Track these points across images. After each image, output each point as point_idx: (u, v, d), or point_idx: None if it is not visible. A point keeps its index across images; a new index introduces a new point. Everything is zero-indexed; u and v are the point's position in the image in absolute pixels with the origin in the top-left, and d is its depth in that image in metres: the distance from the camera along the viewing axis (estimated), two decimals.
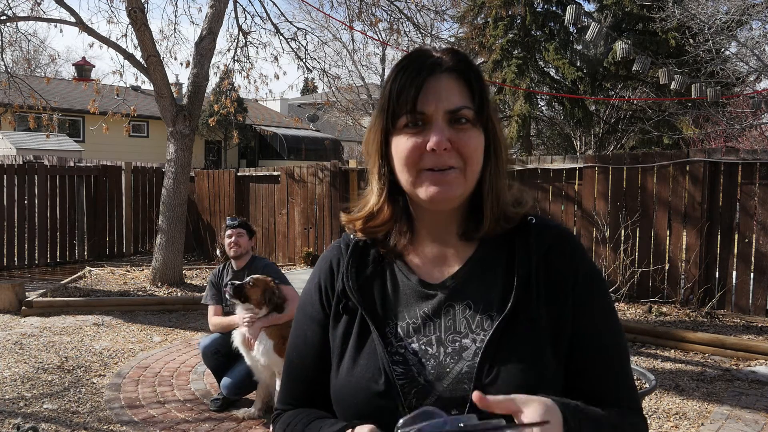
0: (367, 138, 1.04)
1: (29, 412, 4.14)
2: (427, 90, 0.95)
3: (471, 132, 0.96)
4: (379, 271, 1.06)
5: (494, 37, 18.05)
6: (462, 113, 0.95)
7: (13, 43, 10.56)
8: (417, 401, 0.95)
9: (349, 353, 1.01)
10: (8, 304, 6.89)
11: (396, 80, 0.97)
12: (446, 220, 1.03)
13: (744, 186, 6.35)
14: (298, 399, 1.11)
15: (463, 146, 0.95)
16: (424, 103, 0.95)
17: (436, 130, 0.94)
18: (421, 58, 0.98)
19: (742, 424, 3.97)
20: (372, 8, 10.11)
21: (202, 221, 11.23)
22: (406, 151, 0.96)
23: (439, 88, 0.95)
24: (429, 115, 0.95)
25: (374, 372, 0.97)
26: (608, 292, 1.06)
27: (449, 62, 0.97)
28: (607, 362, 0.99)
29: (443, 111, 0.95)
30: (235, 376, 4.15)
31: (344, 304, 1.04)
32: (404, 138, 0.97)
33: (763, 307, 6.26)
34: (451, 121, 0.95)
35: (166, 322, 6.62)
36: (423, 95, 0.95)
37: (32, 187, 9.88)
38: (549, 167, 7.38)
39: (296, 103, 34.65)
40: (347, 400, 0.99)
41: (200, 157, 24.24)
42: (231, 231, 4.39)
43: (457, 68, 0.97)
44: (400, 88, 0.96)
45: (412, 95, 0.95)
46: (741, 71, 13.02)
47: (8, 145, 15.68)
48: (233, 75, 10.46)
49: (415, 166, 0.96)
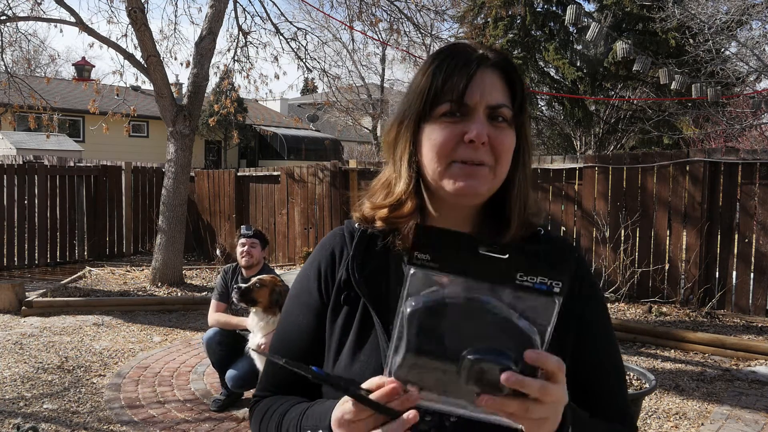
0: (392, 124, 1.02)
1: (29, 412, 4.14)
2: (474, 82, 0.94)
3: (507, 131, 0.95)
4: (384, 263, 1.03)
5: (494, 37, 18.05)
6: (502, 111, 0.95)
7: (13, 43, 10.55)
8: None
9: (349, 347, 0.98)
10: (8, 304, 6.89)
11: (441, 67, 0.95)
12: (462, 220, 1.01)
13: (744, 186, 6.35)
14: (279, 386, 1.08)
15: (498, 143, 0.94)
16: (470, 94, 0.94)
17: (478, 123, 0.93)
18: (467, 49, 0.98)
19: (742, 424, 3.97)
20: (372, 8, 10.12)
21: (202, 221, 11.23)
22: (441, 139, 0.94)
23: (484, 82, 0.94)
24: (471, 107, 0.94)
25: (375, 369, 0.94)
26: (607, 310, 1.07)
27: (495, 59, 0.97)
28: (605, 378, 1.01)
29: (485, 105, 0.94)
30: (240, 368, 4.16)
31: (346, 295, 1.01)
32: (440, 126, 0.95)
33: (763, 307, 6.26)
34: (490, 117, 0.95)
35: (166, 322, 6.62)
36: (472, 86, 0.94)
37: (32, 187, 9.88)
38: (549, 167, 7.37)
39: (296, 103, 34.65)
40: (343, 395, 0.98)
41: (200, 157, 24.25)
42: (245, 240, 4.32)
43: (502, 66, 0.97)
44: (447, 75, 0.94)
45: (462, 84, 0.93)
46: (741, 71, 13.02)
47: (8, 145, 15.69)
48: (233, 75, 10.46)
49: (447, 156, 0.94)
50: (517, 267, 0.71)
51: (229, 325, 4.22)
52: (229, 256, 9.48)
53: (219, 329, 4.27)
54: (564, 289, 0.71)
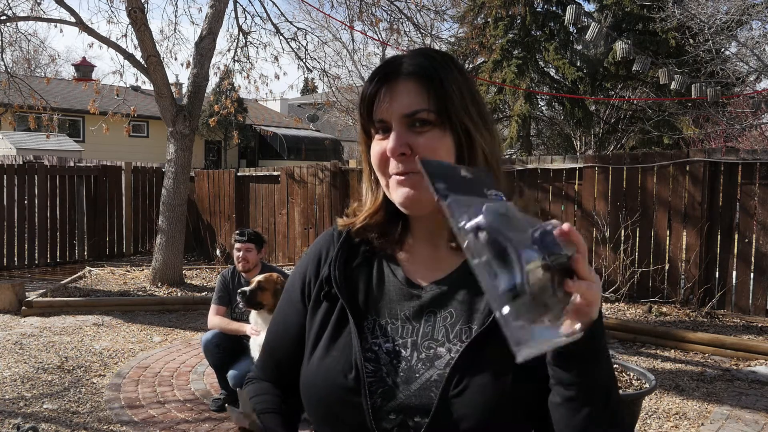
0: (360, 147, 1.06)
1: (29, 412, 4.14)
2: (384, 97, 0.95)
3: (432, 134, 0.94)
4: (367, 263, 1.05)
5: (494, 37, 18.05)
6: (419, 116, 0.93)
7: (13, 43, 10.55)
8: (382, 401, 0.93)
9: (324, 342, 1.00)
10: (8, 304, 6.89)
11: (363, 89, 0.99)
12: (438, 224, 1.00)
13: (744, 186, 6.35)
14: (268, 374, 1.14)
15: (421, 149, 0.93)
16: (382, 110, 0.95)
17: (393, 136, 0.94)
18: (385, 64, 0.98)
19: (742, 424, 3.97)
20: (372, 8, 10.11)
21: (202, 221, 11.23)
22: (375, 157, 0.97)
23: (395, 93, 0.94)
24: (388, 121, 0.95)
25: (345, 365, 0.96)
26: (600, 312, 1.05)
27: (408, 66, 0.96)
28: None
29: (399, 115, 0.94)
30: (241, 368, 4.16)
31: (326, 292, 1.03)
32: (374, 144, 0.98)
33: (763, 307, 6.26)
34: (412, 125, 0.94)
35: (166, 322, 6.62)
36: (379, 103, 0.95)
37: (32, 187, 9.88)
38: (549, 167, 7.37)
39: (296, 103, 34.65)
40: (314, 388, 0.99)
41: (200, 157, 24.24)
42: (239, 245, 4.30)
43: (415, 71, 0.95)
44: (361, 98, 0.98)
45: (367, 105, 0.96)
46: (741, 71, 13.02)
47: (8, 145, 15.69)
48: (233, 75, 10.46)
49: (385, 171, 0.97)
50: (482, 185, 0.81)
51: (228, 330, 4.21)
52: (229, 256, 9.47)
53: (217, 331, 4.27)
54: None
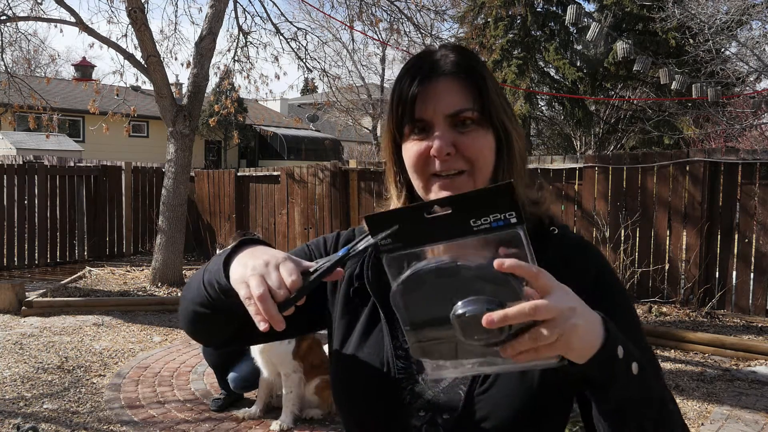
0: (382, 144, 1.05)
1: (29, 412, 4.14)
2: (426, 96, 0.93)
3: (476, 133, 0.94)
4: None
5: (494, 37, 18.06)
6: (463, 116, 0.93)
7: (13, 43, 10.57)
8: (411, 398, 0.94)
9: (355, 338, 1.01)
10: (8, 304, 6.89)
11: (396, 88, 0.96)
12: None
13: (744, 186, 6.35)
14: None
15: (466, 149, 0.93)
16: (423, 109, 0.94)
17: (437, 136, 0.93)
18: (420, 61, 0.97)
19: (742, 424, 3.97)
20: (372, 8, 10.12)
21: (202, 221, 11.23)
22: (413, 158, 0.96)
23: (437, 92, 0.93)
24: (429, 121, 0.94)
25: (377, 363, 0.98)
26: (630, 304, 0.99)
27: (448, 64, 0.95)
28: None
29: (443, 115, 0.93)
30: (241, 370, 4.16)
31: (355, 288, 1.04)
32: (411, 144, 0.96)
33: (763, 307, 6.26)
34: (455, 124, 0.94)
35: (166, 322, 6.62)
36: (421, 102, 0.94)
37: (32, 187, 9.88)
38: (549, 167, 7.37)
39: (296, 103, 34.66)
40: (346, 385, 1.01)
41: (200, 157, 24.24)
42: None
43: (456, 70, 0.95)
44: (398, 96, 0.95)
45: (409, 104, 0.94)
46: (741, 71, 13.02)
47: (8, 145, 15.69)
48: (233, 75, 10.46)
49: (424, 171, 0.96)
50: (466, 215, 0.71)
51: None
52: None
53: None
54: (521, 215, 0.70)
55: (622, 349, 0.76)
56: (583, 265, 0.96)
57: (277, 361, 3.90)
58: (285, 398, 3.92)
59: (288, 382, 3.90)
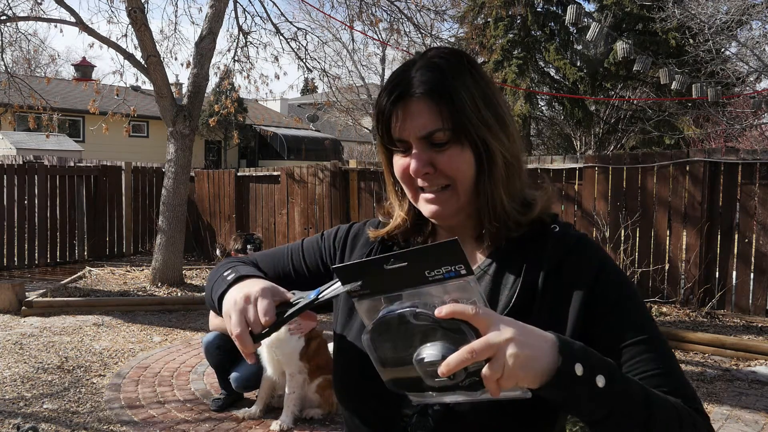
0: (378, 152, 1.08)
1: (29, 412, 4.14)
2: (400, 116, 0.94)
3: (452, 150, 0.94)
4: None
5: (494, 37, 18.06)
6: (435, 137, 0.93)
7: (13, 43, 10.56)
8: None
9: (356, 326, 1.05)
10: (8, 304, 6.89)
11: (377, 103, 0.98)
12: (462, 223, 1.02)
13: (744, 186, 6.35)
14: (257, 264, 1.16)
15: (444, 167, 0.94)
16: (401, 130, 0.95)
17: (414, 155, 0.94)
18: (397, 77, 0.96)
19: (742, 424, 3.97)
20: (372, 8, 10.11)
21: (202, 221, 11.23)
22: (399, 172, 0.99)
23: (410, 114, 0.94)
24: (407, 141, 0.95)
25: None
26: (637, 295, 0.97)
27: (420, 84, 0.93)
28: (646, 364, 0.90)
29: (416, 138, 0.94)
30: (243, 370, 4.15)
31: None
32: (397, 158, 0.99)
33: (763, 307, 6.26)
34: (431, 144, 0.94)
35: (166, 322, 6.62)
36: (396, 122, 0.95)
37: (32, 187, 9.88)
38: (549, 167, 7.37)
39: (296, 103, 34.67)
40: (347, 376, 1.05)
41: (200, 157, 24.25)
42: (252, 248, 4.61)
43: (425, 91, 0.93)
44: (378, 112, 0.97)
45: (385, 126, 0.96)
46: (741, 71, 13.03)
47: (8, 145, 15.69)
48: (233, 75, 10.46)
49: (411, 184, 0.98)
50: (421, 267, 0.76)
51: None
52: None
53: (219, 333, 4.26)
54: (469, 268, 0.75)
55: (581, 367, 0.76)
56: (584, 262, 0.96)
57: (283, 359, 3.89)
58: (287, 398, 3.92)
59: (292, 382, 3.89)
